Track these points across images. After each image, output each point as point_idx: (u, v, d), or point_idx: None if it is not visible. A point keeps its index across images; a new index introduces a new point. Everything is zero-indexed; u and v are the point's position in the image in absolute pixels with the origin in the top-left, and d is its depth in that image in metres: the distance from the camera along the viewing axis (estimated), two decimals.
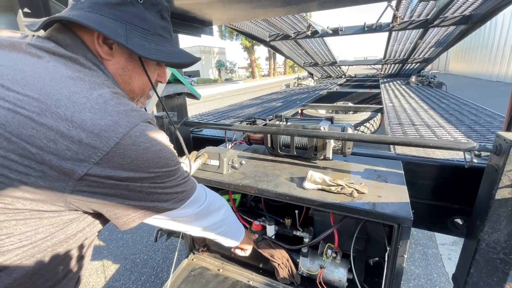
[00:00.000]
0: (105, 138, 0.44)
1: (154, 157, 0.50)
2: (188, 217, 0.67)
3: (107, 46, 0.57)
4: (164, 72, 0.72)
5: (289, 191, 0.96)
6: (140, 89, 0.66)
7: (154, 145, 0.50)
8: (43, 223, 0.47)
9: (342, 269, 1.09)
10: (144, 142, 0.49)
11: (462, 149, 0.89)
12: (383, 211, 0.82)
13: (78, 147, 0.43)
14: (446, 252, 2.21)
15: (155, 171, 0.51)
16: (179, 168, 0.59)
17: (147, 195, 0.53)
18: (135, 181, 0.49)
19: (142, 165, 0.49)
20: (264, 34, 3.76)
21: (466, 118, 1.97)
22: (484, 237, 0.86)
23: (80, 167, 0.43)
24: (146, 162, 0.49)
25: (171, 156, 0.55)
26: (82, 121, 0.43)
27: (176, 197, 0.59)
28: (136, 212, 0.54)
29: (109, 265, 2.22)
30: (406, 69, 5.96)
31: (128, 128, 0.47)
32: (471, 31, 3.04)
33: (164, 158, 0.53)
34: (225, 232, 0.87)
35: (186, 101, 1.79)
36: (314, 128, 1.14)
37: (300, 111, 3.41)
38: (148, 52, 0.57)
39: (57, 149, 0.42)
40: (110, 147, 0.45)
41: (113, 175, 0.46)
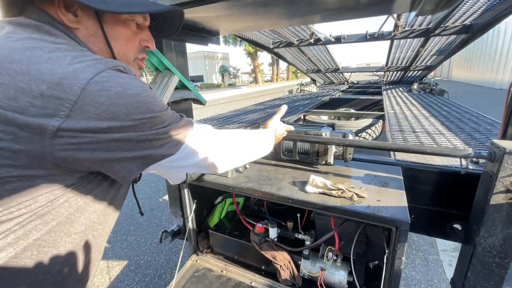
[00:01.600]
0: (68, 86, 0.40)
1: (132, 101, 0.45)
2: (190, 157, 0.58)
3: (71, 13, 0.52)
4: (148, 35, 0.64)
5: (291, 194, 1.00)
6: (123, 54, 0.60)
7: (127, 89, 0.44)
8: (39, 190, 0.43)
9: (343, 271, 1.12)
10: (115, 86, 0.43)
11: (459, 155, 0.92)
12: (381, 214, 0.85)
13: (42, 101, 0.39)
14: (447, 258, 2.21)
15: (139, 117, 0.46)
16: (168, 112, 0.53)
17: (137, 144, 0.47)
18: (118, 131, 0.44)
19: (120, 112, 0.43)
20: (267, 41, 3.84)
21: (467, 125, 2.00)
22: (480, 242, 0.88)
23: (51, 122, 0.39)
24: (124, 108, 0.43)
25: (152, 101, 0.48)
26: (39, 72, 0.39)
27: (171, 141, 0.53)
28: (131, 163, 0.49)
29: (114, 266, 2.25)
30: (408, 76, 6.00)
31: (92, 74, 0.42)
32: (472, 40, 3.08)
33: (145, 103, 0.46)
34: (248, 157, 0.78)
35: (192, 106, 1.84)
36: (316, 134, 1.19)
37: (303, 117, 3.46)
38: (107, 5, 0.50)
39: (20, 107, 0.38)
40: (76, 95, 0.40)
41: (91, 127, 0.41)
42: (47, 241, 0.47)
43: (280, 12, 0.97)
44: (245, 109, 3.35)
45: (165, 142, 0.52)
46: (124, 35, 0.58)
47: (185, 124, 0.57)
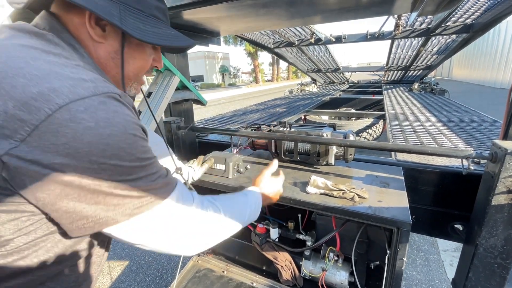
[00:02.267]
0: (35, 108, 0.36)
1: (99, 142, 0.39)
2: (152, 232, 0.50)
3: (99, 27, 0.52)
4: (160, 56, 0.67)
5: (292, 195, 1.00)
6: (134, 74, 0.62)
7: (101, 127, 0.39)
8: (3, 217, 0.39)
9: (344, 272, 1.12)
10: (88, 120, 0.38)
11: (460, 156, 0.92)
12: (383, 215, 0.85)
13: (3, 119, 0.35)
14: (448, 258, 2.21)
15: (99, 161, 0.39)
16: (143, 167, 0.45)
17: (88, 194, 0.40)
18: (71, 170, 0.38)
19: (80, 149, 0.38)
20: (268, 41, 3.84)
21: (468, 125, 2.00)
22: (482, 242, 0.88)
23: (1, 144, 0.35)
24: (86, 146, 0.38)
25: (127, 148, 0.42)
26: (12, 87, 0.36)
27: (129, 203, 0.44)
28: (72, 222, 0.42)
29: (115, 266, 2.26)
30: (409, 76, 5.99)
31: (68, 100, 0.37)
32: (473, 39, 3.08)
33: (114, 146, 0.40)
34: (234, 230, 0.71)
35: (193, 107, 1.84)
36: (317, 134, 1.19)
37: (303, 117, 3.46)
38: (143, 35, 0.52)
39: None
40: (39, 120, 0.36)
41: (42, 160, 0.36)
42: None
43: (280, 13, 0.97)
44: (246, 109, 3.35)
45: (123, 203, 0.44)
46: (141, 58, 0.60)
47: (163, 188, 0.50)
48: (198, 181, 1.19)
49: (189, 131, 1.52)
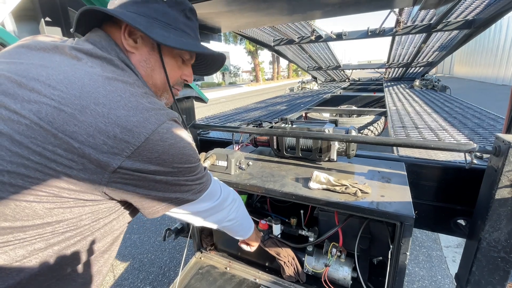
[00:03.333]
0: (137, 133, 0.49)
1: (178, 153, 0.55)
2: (205, 210, 0.71)
3: (132, 39, 0.62)
4: (190, 71, 0.75)
5: (295, 190, 1.00)
6: (162, 83, 0.69)
7: (178, 142, 0.55)
8: (85, 210, 0.52)
9: (347, 267, 1.12)
10: (170, 138, 0.53)
11: (463, 150, 0.92)
12: (386, 209, 0.85)
13: (113, 142, 0.47)
14: (451, 254, 2.21)
15: (178, 166, 0.56)
16: (199, 164, 0.64)
17: (170, 187, 0.58)
18: (160, 174, 0.54)
19: (167, 160, 0.53)
20: (268, 39, 3.83)
21: (469, 121, 1.99)
22: (485, 236, 0.88)
23: (115, 160, 0.48)
24: (171, 157, 0.54)
25: (192, 153, 0.59)
26: (117, 117, 0.48)
27: (195, 188, 0.64)
28: (160, 204, 0.59)
29: (118, 264, 2.26)
30: (410, 73, 5.97)
31: (156, 125, 0.51)
32: (474, 35, 3.06)
33: (187, 155, 0.57)
34: (236, 226, 0.90)
35: (194, 104, 1.84)
36: (319, 130, 1.18)
37: (304, 115, 3.45)
38: (166, 40, 0.60)
39: (96, 143, 0.46)
40: (140, 142, 0.49)
41: (142, 168, 0.51)
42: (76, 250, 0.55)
43: (281, 8, 0.96)
44: (247, 107, 3.35)
45: (191, 189, 0.63)
46: (170, 67, 0.68)
47: (207, 178, 0.69)
48: None
49: (190, 128, 1.52)
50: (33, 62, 0.51)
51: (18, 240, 0.46)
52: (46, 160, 0.44)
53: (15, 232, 0.45)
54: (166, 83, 0.69)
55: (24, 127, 0.44)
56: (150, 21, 0.60)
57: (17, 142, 0.43)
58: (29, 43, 0.55)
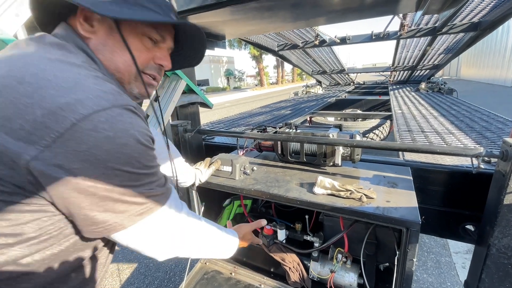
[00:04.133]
0: (61, 117, 0.38)
1: (116, 150, 0.42)
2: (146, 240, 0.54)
3: (88, 24, 0.54)
4: (163, 53, 0.64)
5: (299, 196, 1.00)
6: (125, 67, 0.57)
7: (120, 137, 0.43)
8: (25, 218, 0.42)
9: (353, 273, 1.11)
10: (108, 130, 0.41)
11: (469, 155, 0.91)
12: (391, 215, 0.85)
13: (32, 126, 0.38)
14: (460, 260, 2.16)
15: (115, 167, 0.43)
16: (148, 175, 0.50)
17: (100, 202, 0.44)
18: (86, 177, 0.41)
19: (99, 156, 0.41)
20: (272, 44, 3.86)
21: (477, 124, 1.97)
22: (494, 243, 0.87)
23: (28, 150, 0.38)
24: (104, 153, 0.41)
25: (139, 156, 0.46)
26: (42, 98, 0.39)
27: (134, 209, 0.48)
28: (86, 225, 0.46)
29: (124, 268, 2.28)
30: (416, 76, 5.92)
31: (91, 111, 0.40)
32: (480, 37, 3.03)
33: (128, 156, 0.44)
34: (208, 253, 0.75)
35: (199, 110, 1.86)
36: (323, 135, 1.18)
37: (309, 119, 3.45)
38: (118, 13, 0.50)
39: (12, 128, 0.38)
40: (65, 129, 0.38)
41: (64, 165, 0.39)
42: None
43: (285, 15, 0.98)
44: (251, 112, 3.37)
45: (127, 209, 0.47)
46: (135, 48, 0.57)
47: (161, 195, 0.53)
48: (205, 183, 1.20)
49: (195, 133, 1.54)
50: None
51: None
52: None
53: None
54: (132, 67, 0.57)
55: None
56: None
57: None
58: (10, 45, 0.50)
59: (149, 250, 0.57)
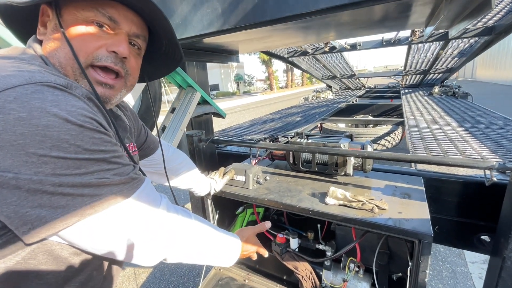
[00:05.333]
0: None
1: (35, 133, 0.35)
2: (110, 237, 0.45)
3: (42, 27, 0.53)
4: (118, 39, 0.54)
5: (312, 206, 1.03)
6: (67, 61, 0.50)
7: (37, 117, 0.35)
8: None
9: (365, 283, 1.12)
10: (19, 110, 0.35)
11: (482, 167, 0.91)
12: (403, 227, 0.86)
13: None
14: (477, 270, 2.11)
15: (39, 153, 0.35)
16: (95, 161, 0.41)
17: (28, 196, 0.35)
18: (6, 166, 0.34)
19: (14, 142, 0.34)
20: (282, 52, 3.91)
21: (492, 131, 1.93)
22: (510, 255, 0.86)
23: None
24: (20, 138, 0.34)
25: (71, 139, 0.38)
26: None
27: (79, 203, 0.39)
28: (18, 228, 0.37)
29: (140, 273, 2.35)
30: (429, 79, 5.82)
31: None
32: (496, 41, 2.98)
33: (55, 139, 0.36)
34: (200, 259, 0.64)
35: (212, 119, 1.93)
36: (335, 145, 1.21)
37: (319, 125, 3.46)
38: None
39: None
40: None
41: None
42: None
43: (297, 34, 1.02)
44: (262, 119, 3.41)
45: (72, 203, 0.39)
46: (79, 35, 0.50)
47: (123, 184, 0.44)
48: (220, 192, 1.24)
49: (210, 143, 1.59)
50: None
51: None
52: None
53: None
54: (73, 60, 0.49)
55: None
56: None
57: None
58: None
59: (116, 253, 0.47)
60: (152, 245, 0.51)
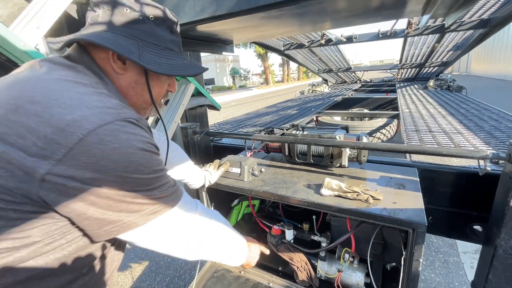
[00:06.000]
0: (69, 133, 0.42)
1: (124, 160, 0.46)
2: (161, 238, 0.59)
3: (120, 61, 0.61)
4: (174, 82, 0.75)
5: (307, 197, 1.03)
6: (145, 104, 0.69)
7: (125, 147, 0.47)
8: (33, 225, 0.45)
9: (360, 273, 1.13)
10: (113, 142, 0.45)
11: (476, 157, 0.92)
12: (397, 216, 0.86)
13: (44, 143, 0.42)
14: (469, 260, 2.15)
15: (124, 175, 0.47)
16: (159, 178, 0.54)
17: (114, 204, 0.48)
18: (100, 184, 0.45)
19: (108, 166, 0.45)
20: (278, 44, 3.87)
21: (486, 123, 1.95)
22: (501, 244, 0.87)
23: (43, 165, 0.42)
24: (113, 164, 0.45)
25: (145, 162, 0.50)
26: (50, 116, 0.43)
27: (147, 209, 0.53)
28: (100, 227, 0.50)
29: (136, 266, 2.35)
30: (424, 73, 5.84)
31: (96, 125, 0.44)
32: (490, 34, 2.99)
33: (136, 163, 0.48)
34: (217, 257, 0.77)
35: (207, 111, 1.90)
36: (330, 137, 1.20)
37: (315, 119, 3.46)
38: (159, 67, 0.60)
39: (25, 145, 0.42)
40: (73, 144, 0.42)
41: (76, 176, 0.43)
42: None
43: (292, 22, 1.00)
44: (258, 112, 3.39)
45: (141, 209, 0.52)
46: (158, 85, 0.68)
47: (172, 195, 0.58)
48: (215, 184, 1.23)
49: (204, 136, 1.58)
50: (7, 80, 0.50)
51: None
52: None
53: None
54: (157, 99, 0.70)
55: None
56: (140, 44, 0.59)
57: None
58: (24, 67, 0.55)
59: (162, 248, 0.61)
60: (186, 241, 0.65)
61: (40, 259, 0.48)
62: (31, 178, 0.42)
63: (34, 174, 0.42)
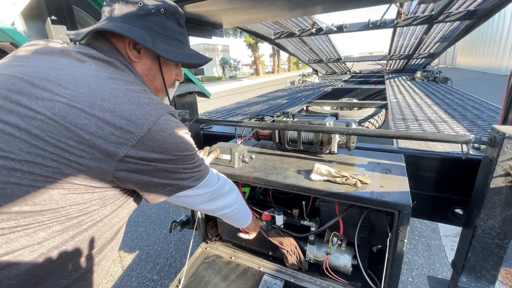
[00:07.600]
0: (140, 125, 0.55)
1: (177, 142, 0.60)
2: (204, 197, 0.77)
3: (136, 50, 0.68)
4: (181, 71, 0.83)
5: (297, 182, 1.04)
6: (161, 86, 0.78)
7: (176, 132, 0.61)
8: (94, 196, 0.57)
9: (347, 255, 1.17)
10: (169, 129, 0.59)
11: (460, 141, 0.95)
12: (384, 199, 0.89)
13: (120, 132, 0.53)
14: (449, 243, 2.26)
15: (178, 154, 0.62)
16: (196, 153, 0.70)
17: (171, 174, 0.63)
18: (162, 161, 0.59)
19: (168, 148, 0.59)
20: (269, 32, 3.81)
21: (469, 112, 2.01)
22: (480, 224, 0.92)
23: (121, 149, 0.53)
24: (171, 146, 0.59)
25: (190, 143, 0.66)
26: (122, 111, 0.54)
27: (194, 176, 0.70)
28: (162, 190, 0.65)
29: (125, 256, 2.33)
30: (412, 65, 5.94)
31: (156, 117, 0.57)
32: (476, 25, 3.04)
33: (185, 144, 0.63)
34: (234, 213, 0.95)
35: (196, 99, 1.87)
36: (320, 124, 1.21)
37: (305, 108, 3.47)
38: (171, 55, 0.69)
39: (104, 134, 0.52)
40: (144, 132, 0.55)
41: (145, 156, 0.56)
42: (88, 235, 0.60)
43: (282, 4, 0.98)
44: (248, 101, 3.36)
45: (190, 176, 0.69)
46: (167, 73, 0.77)
47: (205, 167, 0.75)
48: None
49: (193, 123, 1.55)
50: (42, 64, 0.56)
51: (38, 223, 0.51)
52: (60, 150, 0.50)
53: (35, 216, 0.50)
54: (163, 88, 0.78)
55: (40, 122, 0.49)
56: (153, 34, 0.67)
57: (34, 135, 0.49)
58: (37, 48, 0.61)
59: (203, 205, 0.80)
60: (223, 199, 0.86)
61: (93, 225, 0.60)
62: (111, 159, 0.53)
63: (115, 157, 0.53)
